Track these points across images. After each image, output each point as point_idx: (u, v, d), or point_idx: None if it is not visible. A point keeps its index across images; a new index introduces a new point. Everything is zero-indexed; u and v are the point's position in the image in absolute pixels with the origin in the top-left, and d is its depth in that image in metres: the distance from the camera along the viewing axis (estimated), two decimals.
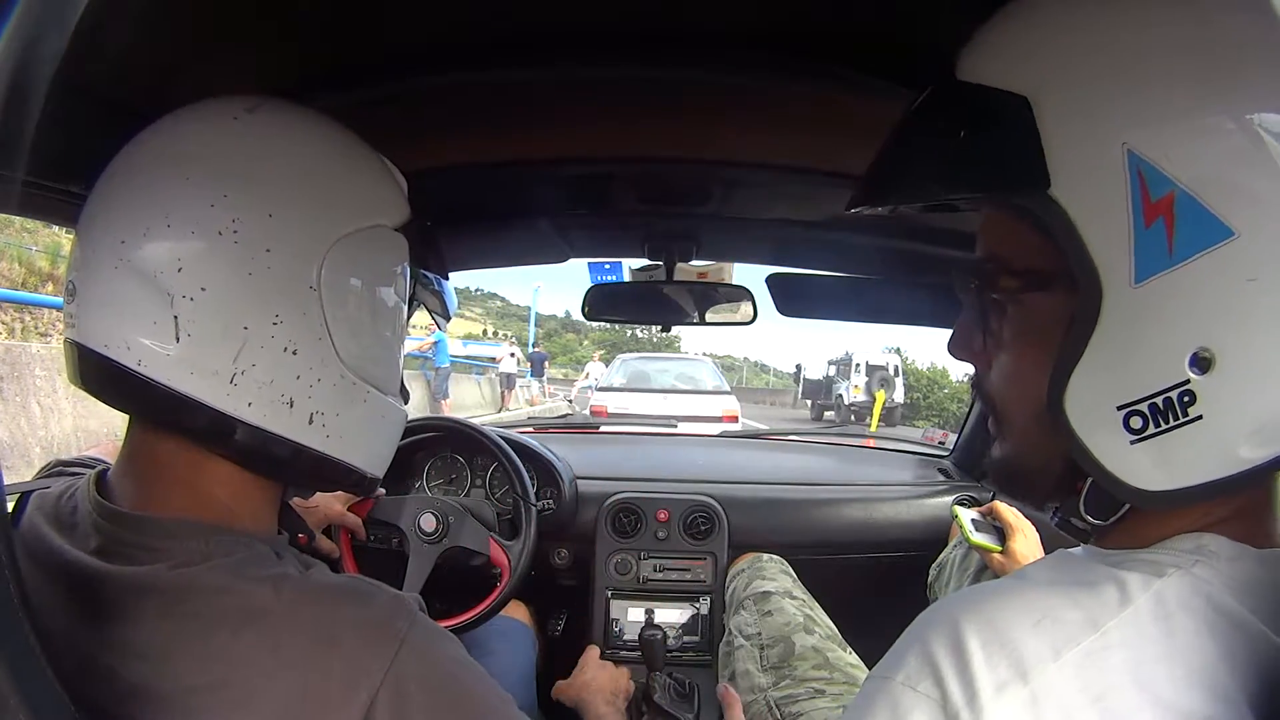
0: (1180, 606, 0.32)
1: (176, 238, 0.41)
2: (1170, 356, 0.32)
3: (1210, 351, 0.31)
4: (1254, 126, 0.30)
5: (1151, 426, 0.33)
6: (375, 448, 0.52)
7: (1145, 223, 0.32)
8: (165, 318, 0.41)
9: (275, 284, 0.43)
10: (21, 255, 6.65)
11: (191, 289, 0.41)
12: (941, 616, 0.35)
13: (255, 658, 0.41)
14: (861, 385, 15.85)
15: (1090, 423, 0.35)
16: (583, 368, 16.05)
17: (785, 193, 1.01)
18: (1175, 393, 0.32)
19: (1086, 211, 0.33)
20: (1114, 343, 0.33)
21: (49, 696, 0.30)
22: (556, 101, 0.78)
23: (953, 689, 0.32)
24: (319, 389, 0.45)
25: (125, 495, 0.46)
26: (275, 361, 0.43)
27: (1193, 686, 0.30)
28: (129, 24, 0.50)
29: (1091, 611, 0.32)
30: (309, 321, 0.44)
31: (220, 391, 0.42)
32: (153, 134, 0.45)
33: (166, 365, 0.42)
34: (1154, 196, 0.31)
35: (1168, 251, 0.31)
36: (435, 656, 0.45)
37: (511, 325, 51.28)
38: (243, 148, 0.44)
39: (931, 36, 0.60)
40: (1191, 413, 0.32)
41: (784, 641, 1.00)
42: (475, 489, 1.31)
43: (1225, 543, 0.34)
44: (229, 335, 0.42)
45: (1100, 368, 0.34)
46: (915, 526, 1.33)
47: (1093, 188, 0.33)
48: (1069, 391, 0.35)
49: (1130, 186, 0.32)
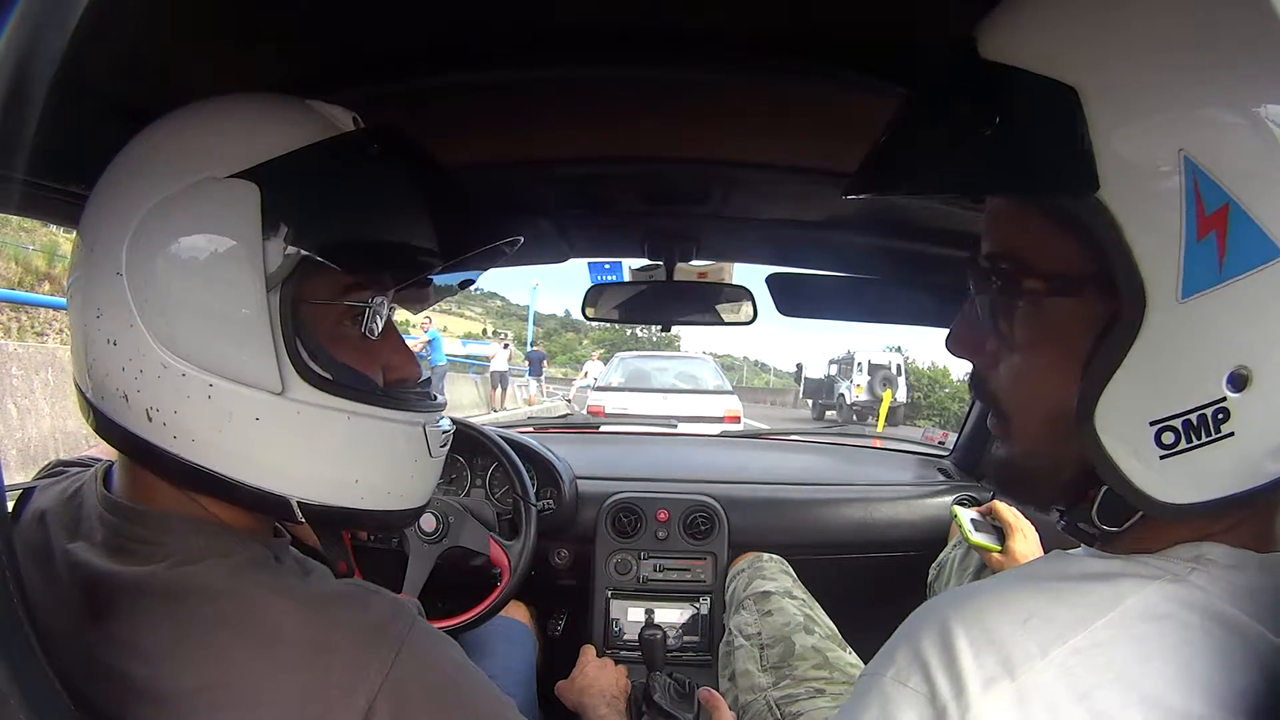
0: (1172, 611, 0.32)
1: (71, 252, 0.46)
2: (1209, 374, 0.31)
3: (1248, 369, 0.30)
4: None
5: (1183, 443, 0.32)
6: (262, 457, 0.43)
7: (1198, 236, 0.30)
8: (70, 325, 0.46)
9: (94, 278, 0.42)
10: (18, 255, 6.64)
11: (69, 296, 0.46)
12: (931, 614, 0.35)
13: (254, 660, 0.41)
14: (864, 384, 15.82)
15: (1119, 435, 0.33)
16: (582, 367, 16.00)
17: (785, 193, 1.01)
18: (1210, 410, 0.31)
19: (1137, 220, 0.30)
20: (1152, 358, 0.32)
21: (49, 696, 0.30)
22: (557, 101, 0.78)
23: (941, 684, 0.32)
24: (144, 380, 0.42)
25: (126, 489, 0.47)
26: (103, 354, 0.43)
27: (1184, 686, 0.30)
28: (129, 24, 0.50)
29: (1080, 610, 0.32)
30: (119, 309, 0.41)
31: (86, 382, 0.45)
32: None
33: (74, 366, 0.46)
34: (1209, 209, 0.29)
35: (1218, 268, 0.30)
36: (434, 660, 0.45)
37: (511, 324, 51.25)
38: (118, 160, 0.45)
39: (932, 37, 0.60)
40: (1224, 430, 0.31)
41: (784, 641, 1.00)
42: (475, 489, 1.31)
43: (1224, 550, 0.34)
44: (78, 333, 0.44)
45: (1135, 382, 0.32)
46: (915, 526, 1.33)
47: (1146, 195, 0.30)
48: (1100, 404, 0.33)
49: (1185, 196, 0.29)
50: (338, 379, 0.45)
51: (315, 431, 0.44)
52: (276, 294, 0.42)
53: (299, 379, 0.43)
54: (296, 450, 0.44)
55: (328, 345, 0.46)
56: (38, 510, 0.48)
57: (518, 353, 18.35)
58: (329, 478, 0.45)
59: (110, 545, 0.44)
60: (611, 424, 2.28)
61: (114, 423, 0.44)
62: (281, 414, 0.43)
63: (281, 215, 0.41)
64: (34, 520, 0.48)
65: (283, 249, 0.42)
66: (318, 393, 0.44)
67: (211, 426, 0.42)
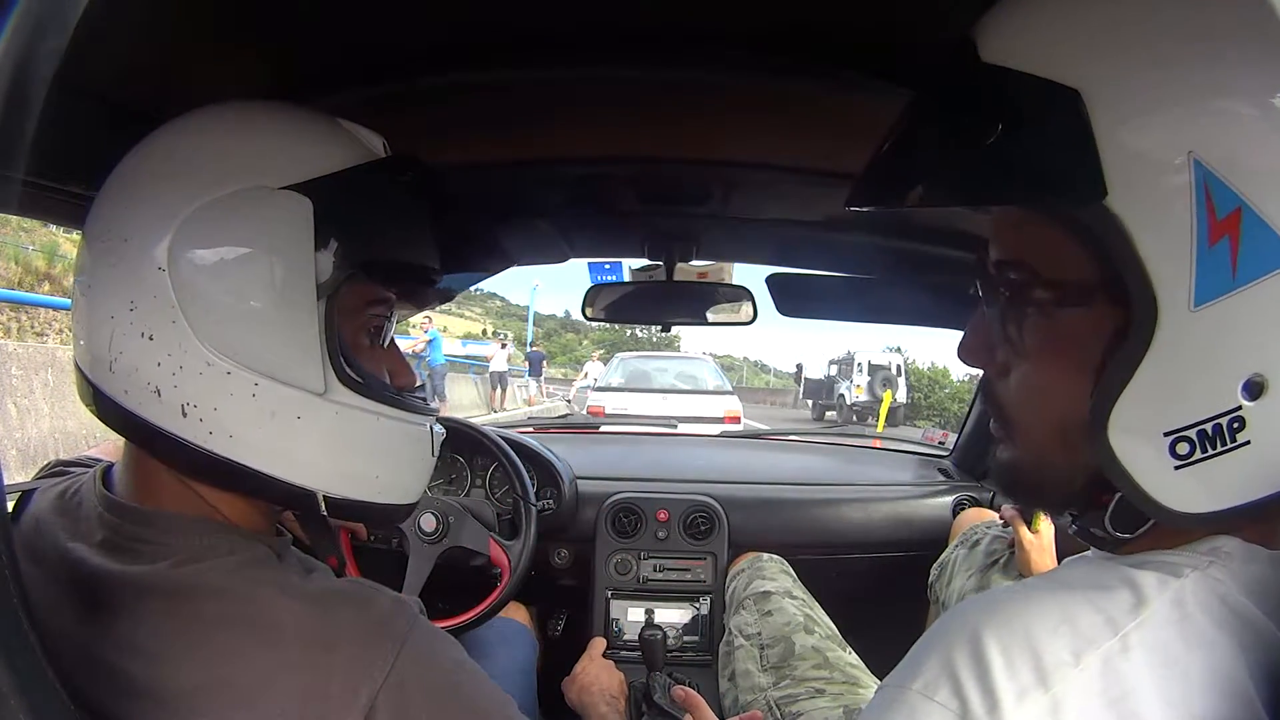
0: (1197, 608, 0.32)
1: (85, 246, 0.45)
2: (1224, 383, 0.30)
3: (1263, 377, 0.30)
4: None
5: (1198, 453, 0.31)
6: (299, 454, 0.45)
7: (1210, 242, 0.29)
8: (81, 318, 0.45)
9: (128, 270, 0.43)
10: (18, 255, 6.64)
11: (85, 288, 0.45)
12: (960, 623, 0.34)
13: (256, 659, 0.41)
14: (864, 385, 15.81)
15: (1132, 446, 0.33)
16: (582, 367, 15.99)
17: (785, 193, 1.01)
18: (1225, 419, 0.30)
19: (1147, 227, 0.30)
20: (1165, 368, 0.31)
21: (49, 696, 0.30)
22: (556, 101, 0.78)
23: (973, 698, 0.31)
24: (183, 376, 0.42)
25: (127, 489, 0.47)
26: (137, 347, 0.43)
27: (1210, 689, 0.30)
28: (129, 24, 0.50)
29: (1109, 614, 0.31)
30: (160, 304, 0.42)
31: (105, 376, 0.44)
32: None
33: (83, 358, 0.45)
34: (1220, 213, 0.29)
35: (1231, 274, 0.29)
36: (436, 659, 0.45)
37: (511, 325, 51.27)
38: (128, 161, 0.45)
39: (932, 37, 0.60)
40: (1240, 439, 0.30)
41: (784, 641, 1.00)
42: (475, 489, 1.31)
43: (1239, 544, 0.33)
44: (102, 324, 0.44)
45: (1148, 392, 0.32)
46: (915, 526, 1.33)
47: (1156, 201, 0.30)
48: (1113, 415, 0.32)
49: (1196, 201, 0.29)
50: (368, 383, 0.48)
51: (348, 431, 0.47)
52: (323, 303, 0.45)
53: (338, 382, 0.46)
54: (330, 448, 0.46)
55: (353, 352, 0.49)
56: (38, 511, 0.48)
57: (517, 353, 18.32)
58: (355, 473, 0.48)
59: (111, 545, 0.44)
60: (611, 424, 2.28)
61: (132, 414, 0.43)
62: (321, 414, 0.45)
63: (332, 230, 0.45)
64: (34, 521, 0.48)
65: (332, 262, 0.45)
66: (353, 395, 0.46)
67: (252, 423, 0.44)
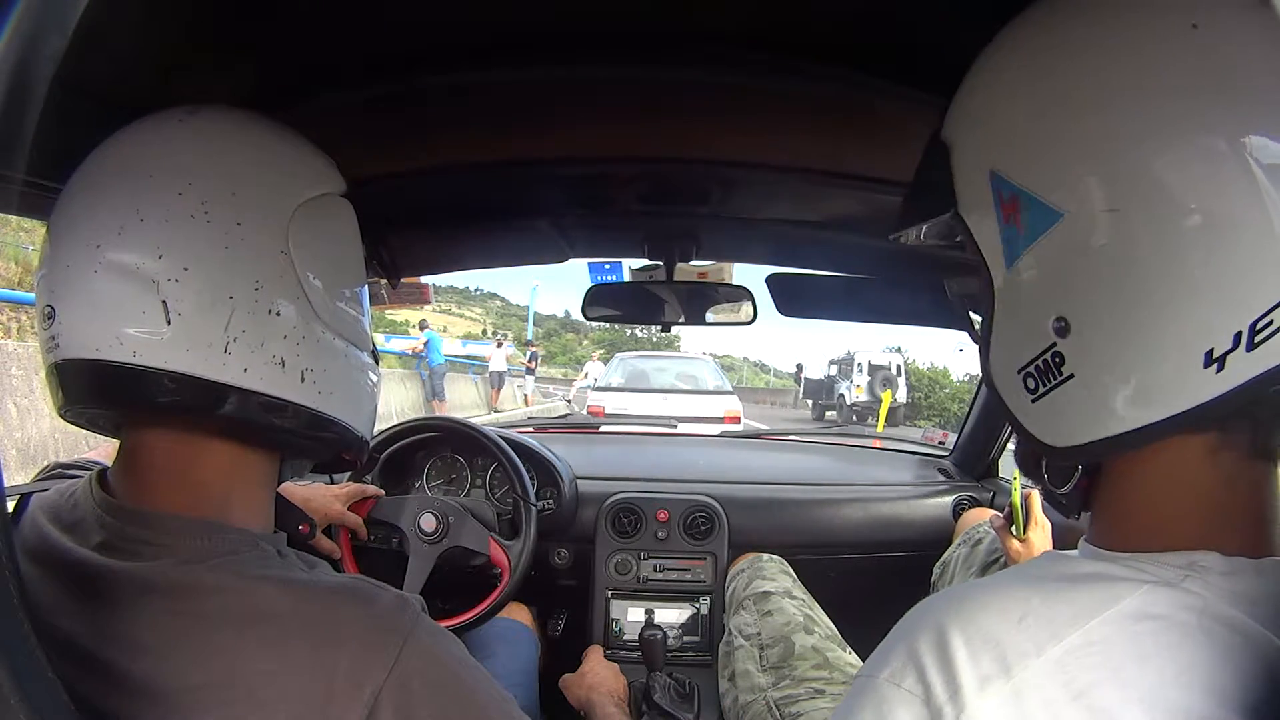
0: (1168, 612, 0.32)
1: (152, 228, 0.43)
2: (1039, 325, 0.38)
3: (1064, 318, 0.37)
4: (1055, 124, 0.37)
5: (1041, 386, 0.39)
6: (362, 405, 0.55)
7: (1004, 218, 0.40)
8: (153, 304, 0.43)
9: (251, 252, 0.46)
10: (18, 255, 6.64)
11: (175, 271, 0.43)
12: (926, 615, 0.36)
13: (259, 656, 0.41)
14: (864, 385, 15.82)
15: (1004, 384, 0.42)
16: (582, 367, 15.98)
17: (785, 193, 1.00)
18: (1049, 355, 0.38)
19: (975, 219, 0.43)
20: (1007, 318, 0.42)
21: (49, 695, 0.30)
22: (556, 101, 0.78)
23: (936, 685, 0.32)
24: (305, 346, 0.48)
25: (125, 492, 0.47)
26: (262, 324, 0.46)
27: (1184, 683, 0.30)
28: (129, 24, 0.50)
29: (1076, 609, 0.33)
30: (286, 283, 0.47)
31: (216, 362, 0.44)
32: (103, 151, 0.46)
33: (161, 349, 0.43)
34: (1005, 197, 0.39)
35: (1021, 238, 0.39)
36: (438, 656, 0.45)
37: (511, 325, 51.26)
38: (194, 142, 0.47)
39: (931, 37, 0.61)
40: (1065, 371, 0.37)
41: (784, 641, 1.00)
42: (475, 489, 1.31)
43: (1218, 558, 0.34)
44: (217, 306, 0.44)
45: (1001, 338, 0.42)
46: (915, 526, 1.33)
47: (974, 200, 0.42)
48: (990, 365, 0.43)
49: (993, 194, 0.40)
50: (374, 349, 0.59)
51: (376, 385, 0.58)
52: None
53: (371, 348, 0.57)
54: (374, 400, 0.58)
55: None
56: (37, 512, 0.48)
57: (517, 352, 18.30)
58: (371, 419, 0.58)
59: (110, 547, 0.44)
60: (611, 424, 2.28)
61: (235, 388, 0.45)
62: (370, 373, 0.56)
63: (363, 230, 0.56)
64: (33, 522, 0.48)
65: (362, 251, 0.56)
66: (370, 356, 0.57)
67: (345, 383, 0.52)
